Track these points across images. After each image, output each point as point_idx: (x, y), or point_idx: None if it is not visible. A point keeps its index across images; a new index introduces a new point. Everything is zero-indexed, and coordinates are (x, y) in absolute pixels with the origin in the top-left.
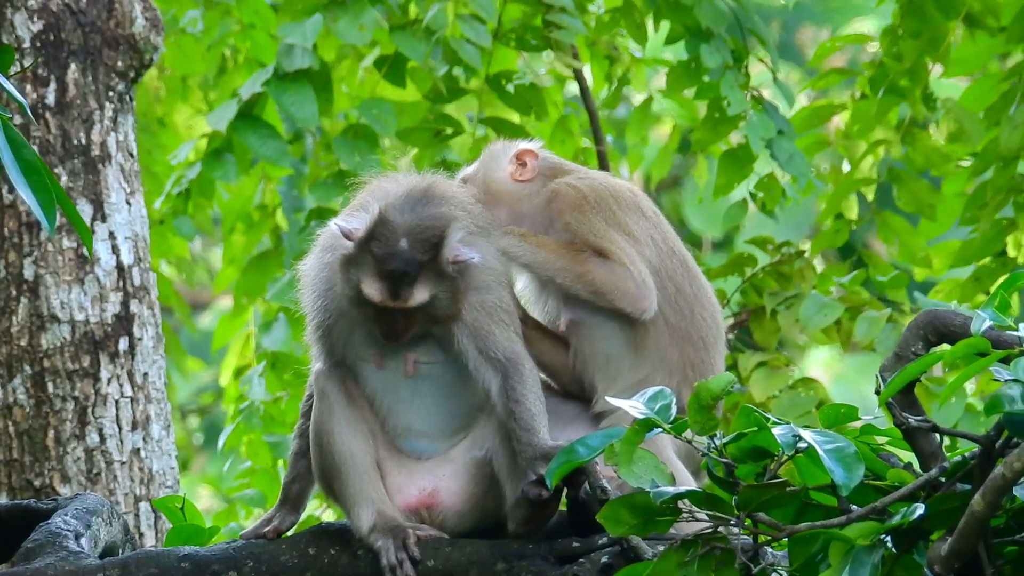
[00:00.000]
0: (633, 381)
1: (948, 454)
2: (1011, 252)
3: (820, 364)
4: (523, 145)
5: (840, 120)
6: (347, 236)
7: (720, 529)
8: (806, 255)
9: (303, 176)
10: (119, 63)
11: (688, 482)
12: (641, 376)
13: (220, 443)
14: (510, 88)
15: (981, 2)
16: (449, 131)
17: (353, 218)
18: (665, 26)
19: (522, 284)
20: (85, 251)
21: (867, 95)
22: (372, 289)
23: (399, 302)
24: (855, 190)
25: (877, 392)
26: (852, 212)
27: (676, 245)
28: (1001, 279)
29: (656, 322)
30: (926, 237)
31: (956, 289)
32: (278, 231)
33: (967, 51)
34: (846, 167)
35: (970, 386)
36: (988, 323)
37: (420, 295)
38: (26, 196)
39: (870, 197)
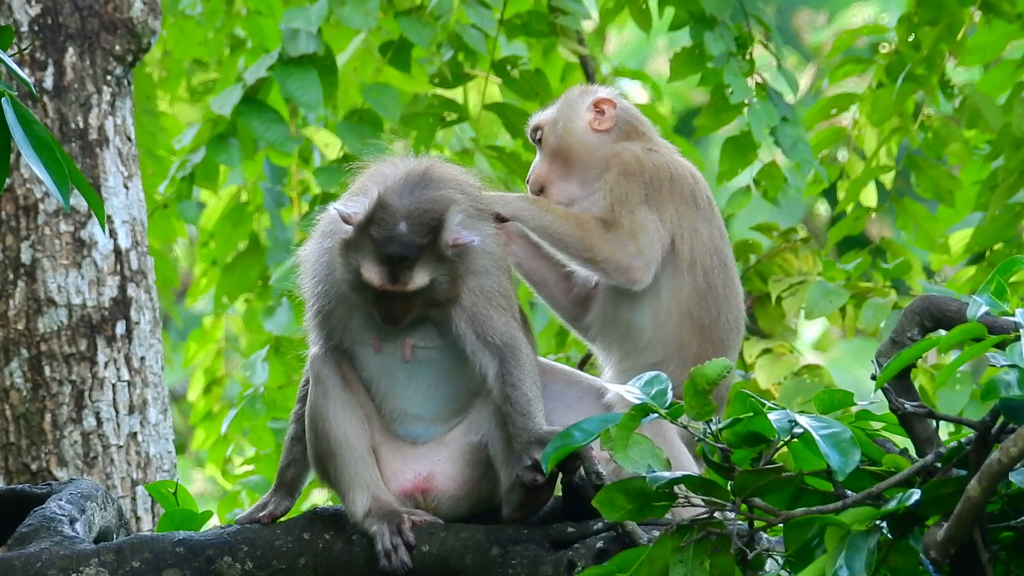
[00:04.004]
0: (645, 364)
1: (944, 439)
2: None
3: (814, 347)
4: (602, 93)
5: (855, 110)
6: (346, 220)
7: (716, 514)
8: (811, 241)
9: (288, 173)
10: (117, 47)
11: (690, 467)
12: (656, 360)
13: (223, 429)
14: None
15: None
16: (453, 117)
17: (352, 202)
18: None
19: None
20: (87, 233)
21: (884, 84)
22: (372, 273)
23: (399, 286)
24: (874, 178)
25: (873, 378)
26: (869, 200)
27: (720, 242)
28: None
29: (681, 311)
30: (944, 224)
31: (971, 280)
32: (255, 235)
33: (983, 39)
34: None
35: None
36: (984, 308)
37: (420, 279)
38: (40, 172)
39: (888, 185)
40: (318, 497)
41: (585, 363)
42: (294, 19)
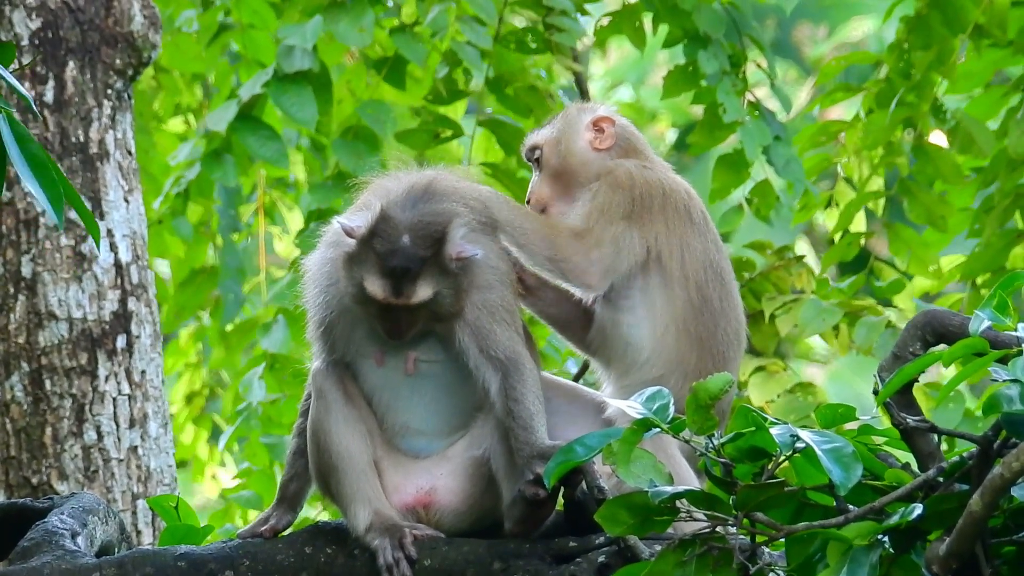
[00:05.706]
0: (645, 379)
1: (946, 454)
2: (1019, 263)
3: (816, 363)
4: (600, 111)
5: (843, 137)
6: (349, 234)
7: (718, 529)
8: (804, 259)
9: (240, 195)
10: (117, 61)
11: (691, 482)
12: (655, 375)
13: (221, 445)
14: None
15: (987, 14)
16: (448, 133)
17: (355, 216)
18: (663, 30)
19: None
20: (88, 247)
21: (874, 110)
22: (375, 286)
23: (402, 299)
24: (866, 203)
25: (875, 392)
26: (860, 225)
27: (716, 256)
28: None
29: (678, 325)
30: (935, 248)
31: (957, 304)
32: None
33: (973, 66)
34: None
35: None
36: (986, 323)
37: (423, 292)
38: (34, 190)
39: (879, 211)
40: (313, 512)
41: (582, 375)
42: (289, 35)
